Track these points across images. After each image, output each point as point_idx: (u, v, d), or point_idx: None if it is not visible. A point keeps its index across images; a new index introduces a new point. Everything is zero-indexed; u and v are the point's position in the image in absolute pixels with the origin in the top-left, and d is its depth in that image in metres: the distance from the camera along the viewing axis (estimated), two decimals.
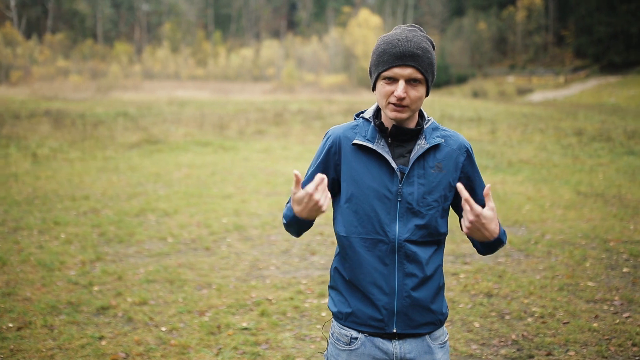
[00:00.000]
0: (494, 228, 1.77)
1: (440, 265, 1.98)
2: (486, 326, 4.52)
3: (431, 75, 1.85)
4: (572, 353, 4.04)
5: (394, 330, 1.90)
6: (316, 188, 1.71)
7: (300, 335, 4.35)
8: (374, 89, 1.94)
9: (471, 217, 1.74)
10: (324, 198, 1.73)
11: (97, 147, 14.97)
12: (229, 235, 7.12)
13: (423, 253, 1.90)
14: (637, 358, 3.96)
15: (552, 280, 5.57)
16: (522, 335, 4.37)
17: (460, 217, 2.04)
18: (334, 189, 2.00)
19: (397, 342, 1.91)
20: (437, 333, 1.97)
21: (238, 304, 4.93)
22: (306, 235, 7.19)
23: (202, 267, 5.90)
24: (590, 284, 5.48)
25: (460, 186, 1.76)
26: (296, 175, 1.73)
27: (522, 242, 6.86)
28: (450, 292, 5.25)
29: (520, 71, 70.17)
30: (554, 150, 15.78)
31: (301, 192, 1.73)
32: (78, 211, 8.15)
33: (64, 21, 72.34)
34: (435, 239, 1.93)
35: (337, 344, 1.98)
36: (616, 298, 5.11)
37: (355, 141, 1.91)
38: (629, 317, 4.68)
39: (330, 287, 2.06)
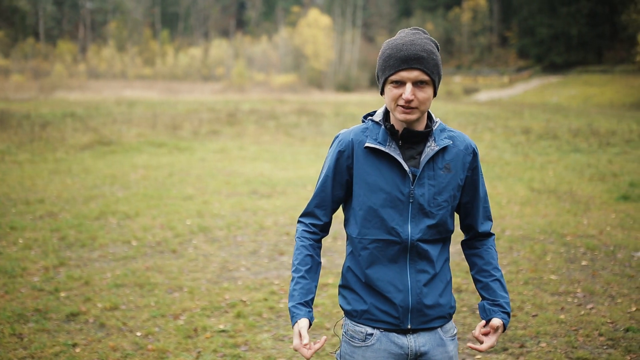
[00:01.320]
0: (499, 336, 2.02)
1: (447, 260, 2.04)
2: (459, 321, 4.63)
3: (437, 76, 1.89)
4: (543, 344, 4.18)
5: (409, 326, 1.94)
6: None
7: (279, 336, 4.34)
8: (382, 92, 1.97)
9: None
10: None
11: (47, 148, 14.51)
12: (195, 237, 7.03)
13: (433, 250, 1.96)
14: (604, 347, 4.13)
15: (517, 274, 5.74)
16: None
17: (461, 220, 2.12)
18: (347, 191, 2.03)
19: (411, 337, 1.96)
20: (448, 326, 2.03)
21: (212, 306, 4.88)
22: (273, 235, 7.19)
23: (170, 270, 5.81)
24: (553, 277, 5.68)
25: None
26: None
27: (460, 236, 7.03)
28: None
29: (467, 71, 71.81)
30: (505, 148, 16.23)
31: (298, 344, 1.89)
32: (34, 215, 7.89)
33: (4, 18, 69.64)
34: (443, 236, 1.99)
35: (352, 341, 2.00)
36: (578, 290, 5.32)
37: (367, 144, 1.94)
38: (592, 308, 4.87)
39: (342, 286, 2.08)
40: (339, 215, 8.24)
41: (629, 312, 4.74)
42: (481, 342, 1.98)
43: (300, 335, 1.89)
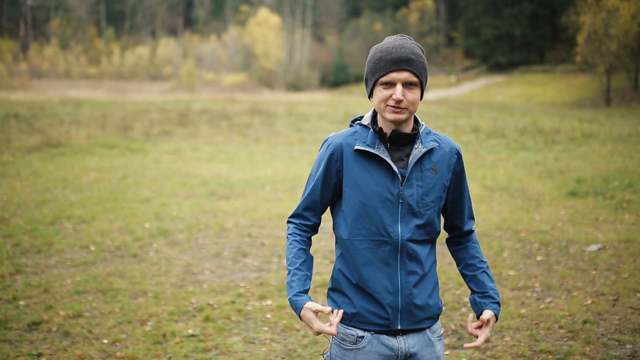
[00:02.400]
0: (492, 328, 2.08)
1: (435, 262, 2.09)
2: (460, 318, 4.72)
3: (425, 78, 1.97)
4: (508, 338, 4.32)
5: (399, 327, 1.99)
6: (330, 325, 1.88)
7: (249, 339, 4.34)
8: (370, 96, 2.02)
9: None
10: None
11: None
12: (155, 241, 6.93)
13: (422, 251, 2.02)
14: (565, 339, 4.30)
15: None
16: (460, 324, 4.61)
17: (446, 219, 2.19)
18: (336, 193, 2.07)
19: (401, 338, 2.01)
20: (435, 327, 2.09)
21: (179, 310, 4.83)
22: (235, 237, 7.16)
23: (133, 274, 5.71)
24: (511, 272, 5.86)
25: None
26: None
27: (443, 237, 7.18)
28: None
29: None
30: None
31: (315, 326, 1.90)
32: None
33: None
34: (431, 237, 2.05)
35: (343, 344, 2.03)
36: (536, 285, 5.51)
37: (357, 147, 1.99)
38: (550, 302, 5.06)
39: (331, 289, 2.11)
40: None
41: (585, 305, 4.94)
42: (476, 337, 2.03)
43: (316, 312, 1.91)
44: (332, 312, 1.95)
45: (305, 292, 2.00)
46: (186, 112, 26.50)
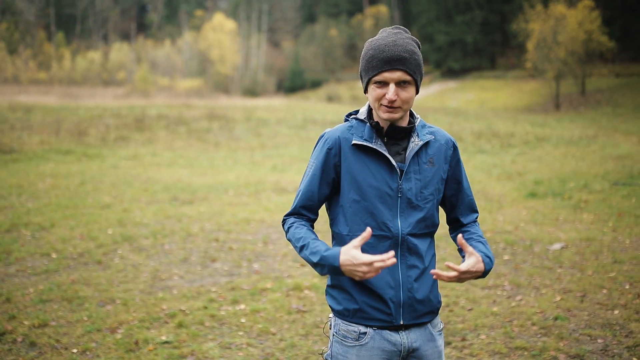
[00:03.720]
0: (478, 270, 1.89)
1: (434, 256, 2.08)
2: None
3: (419, 75, 1.95)
4: (483, 337, 4.37)
5: (401, 322, 1.97)
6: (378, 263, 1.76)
7: (225, 344, 4.25)
8: (365, 91, 2.00)
9: (454, 277, 1.86)
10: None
11: None
12: (120, 247, 6.75)
13: (422, 245, 2.00)
14: (538, 336, 4.37)
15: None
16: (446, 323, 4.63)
17: (447, 214, 2.17)
18: (333, 189, 2.04)
19: (403, 333, 1.99)
20: (436, 321, 2.08)
21: (150, 317, 4.70)
22: (202, 242, 7.04)
23: (99, 282, 5.54)
24: None
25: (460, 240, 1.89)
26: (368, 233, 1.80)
27: (439, 232, 7.24)
28: None
29: None
30: None
31: (364, 258, 1.77)
32: None
33: None
34: (430, 230, 2.04)
35: (345, 341, 2.00)
36: (506, 283, 5.59)
37: (354, 141, 1.97)
38: (521, 299, 5.14)
39: (331, 286, 2.07)
40: (266, 219, 8.20)
41: (554, 302, 5.04)
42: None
43: (361, 241, 1.80)
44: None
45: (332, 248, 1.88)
46: (142, 117, 26.02)
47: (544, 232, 7.56)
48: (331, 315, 2.10)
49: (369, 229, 1.79)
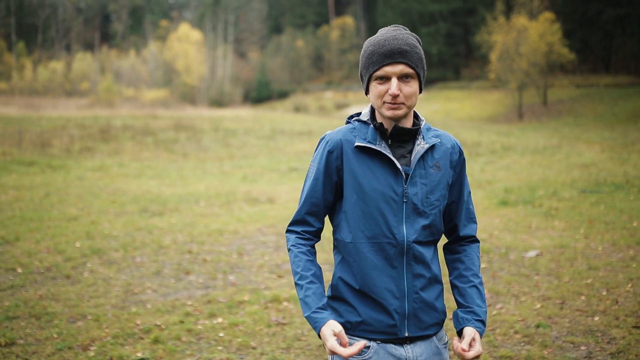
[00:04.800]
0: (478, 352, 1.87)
1: (439, 264, 1.99)
2: None
3: (422, 70, 1.86)
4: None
5: (406, 334, 1.88)
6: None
7: None
8: (367, 92, 1.92)
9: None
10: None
11: None
12: (89, 260, 6.52)
13: (427, 253, 1.91)
14: (522, 344, 4.34)
15: None
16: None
17: (445, 219, 2.07)
18: (337, 194, 1.95)
19: (408, 347, 1.90)
20: (441, 334, 1.99)
21: (124, 333, 4.52)
22: (175, 254, 6.86)
23: (68, 297, 5.32)
24: None
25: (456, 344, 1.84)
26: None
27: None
28: None
29: (337, 87, 73.94)
30: None
31: (336, 349, 1.73)
32: None
33: None
34: (435, 238, 1.95)
35: None
36: (485, 292, 5.56)
37: (357, 143, 1.87)
38: (502, 307, 5.12)
39: (331, 297, 1.97)
40: (240, 230, 8.05)
41: (534, 309, 5.03)
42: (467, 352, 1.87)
43: (338, 336, 1.77)
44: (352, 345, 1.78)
45: (324, 307, 1.84)
46: (107, 128, 25.55)
47: (518, 239, 7.59)
48: None
49: (362, 343, 1.74)
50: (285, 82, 75.09)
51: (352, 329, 1.90)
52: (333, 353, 1.74)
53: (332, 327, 1.77)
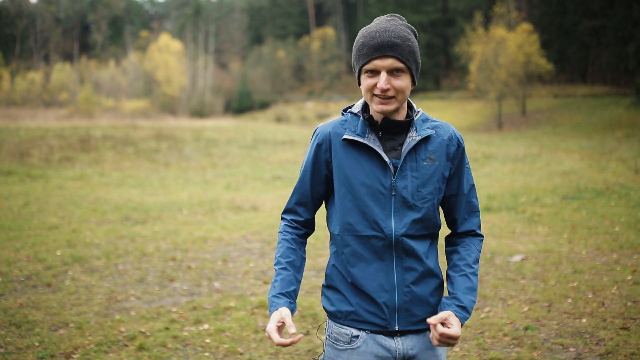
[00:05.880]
0: (453, 333, 1.75)
1: (437, 257, 1.95)
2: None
3: (414, 63, 1.81)
4: (457, 349, 4.29)
5: (396, 328, 1.84)
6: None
7: None
8: (359, 84, 1.89)
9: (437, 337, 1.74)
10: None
11: None
12: (70, 269, 6.39)
13: (420, 247, 1.86)
14: (511, 346, 4.32)
15: None
16: None
17: (445, 212, 2.03)
18: (329, 186, 1.93)
19: (399, 339, 1.87)
20: None
21: (108, 340, 4.42)
22: (158, 262, 6.76)
23: (49, 305, 5.20)
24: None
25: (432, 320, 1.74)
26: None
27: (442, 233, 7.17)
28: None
29: (318, 97, 74.16)
30: None
31: (273, 336, 1.74)
32: None
33: None
34: (431, 232, 1.90)
35: (337, 344, 1.89)
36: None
37: (345, 136, 1.85)
38: (490, 311, 5.11)
39: (325, 286, 1.96)
40: (224, 238, 7.96)
41: (522, 312, 5.02)
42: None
43: (281, 321, 1.76)
44: (294, 335, 1.73)
45: (287, 294, 1.85)
46: (87, 138, 25.27)
47: (503, 244, 7.62)
48: (327, 318, 1.97)
49: (299, 337, 1.73)
50: (267, 92, 75.12)
51: (342, 318, 1.88)
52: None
53: (281, 313, 1.78)
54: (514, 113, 46.21)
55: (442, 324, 1.78)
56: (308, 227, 2.01)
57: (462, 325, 1.80)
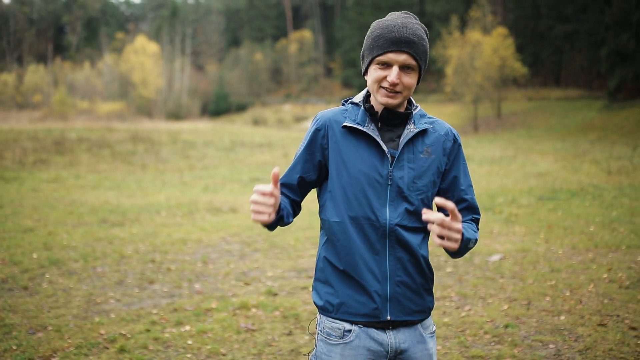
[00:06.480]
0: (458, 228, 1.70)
1: (428, 253, 1.97)
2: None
3: (424, 63, 1.86)
4: (439, 347, 4.32)
5: (388, 317, 1.86)
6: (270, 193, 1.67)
7: None
8: (365, 73, 1.91)
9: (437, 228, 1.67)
10: (267, 208, 1.67)
11: None
12: (47, 271, 6.29)
13: (414, 239, 1.88)
14: (492, 344, 4.37)
15: None
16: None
17: (441, 209, 2.03)
18: (322, 173, 1.94)
19: (391, 333, 1.88)
20: (427, 322, 1.97)
21: (88, 343, 4.36)
22: (137, 264, 6.69)
23: (27, 308, 5.11)
24: None
25: (438, 201, 1.66)
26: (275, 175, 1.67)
27: None
28: (308, 305, 5.27)
29: (295, 100, 74.12)
30: None
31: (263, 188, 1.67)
32: None
33: None
34: (424, 225, 1.91)
35: (329, 339, 1.89)
36: (453, 294, 5.60)
37: (345, 123, 1.88)
38: (470, 309, 5.15)
39: (316, 279, 1.96)
40: (203, 239, 7.91)
41: (502, 310, 5.08)
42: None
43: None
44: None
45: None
46: (62, 140, 24.92)
47: (481, 244, 7.69)
48: (318, 313, 1.97)
49: (275, 170, 1.66)
50: (244, 95, 74.90)
51: (333, 312, 1.88)
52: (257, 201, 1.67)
53: (265, 185, 1.70)
54: (489, 116, 46.73)
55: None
56: (295, 205, 1.99)
57: (460, 244, 1.75)
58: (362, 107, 1.92)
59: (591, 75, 49.98)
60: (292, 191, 1.96)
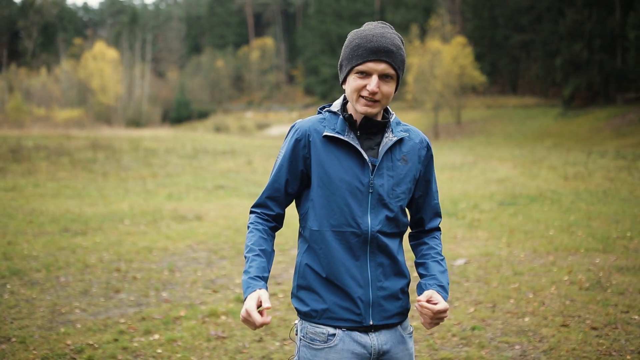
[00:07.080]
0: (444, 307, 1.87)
1: (404, 257, 2.02)
2: None
3: (402, 72, 1.91)
4: None
5: (371, 322, 1.90)
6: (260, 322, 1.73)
7: None
8: (343, 83, 1.94)
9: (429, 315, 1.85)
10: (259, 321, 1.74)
11: None
12: (8, 282, 6.13)
13: (392, 244, 1.94)
14: (460, 346, 4.45)
15: None
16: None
17: (411, 216, 2.10)
18: (303, 183, 1.96)
19: (373, 335, 1.92)
20: (405, 323, 2.02)
21: (54, 354, 4.27)
22: (102, 273, 6.58)
23: None
24: None
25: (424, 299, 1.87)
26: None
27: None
28: (278, 311, 5.28)
29: (258, 107, 74.00)
30: None
31: (252, 306, 1.73)
32: None
33: None
34: (401, 230, 1.98)
35: (313, 344, 1.91)
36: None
37: (326, 133, 1.90)
38: None
39: (298, 286, 1.98)
40: (169, 247, 7.84)
41: (469, 313, 5.18)
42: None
43: (259, 300, 1.75)
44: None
45: (263, 278, 1.85)
46: (18, 148, 24.30)
47: (446, 249, 7.82)
48: (296, 320, 2.00)
49: (270, 318, 1.77)
50: (205, 102, 74.38)
51: (317, 317, 1.91)
52: (246, 320, 1.74)
53: (259, 294, 1.77)
54: (449, 123, 47.54)
55: (428, 301, 1.87)
56: (278, 221, 2.03)
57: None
58: (341, 116, 1.94)
59: (547, 83, 51.36)
60: (278, 204, 1.99)
